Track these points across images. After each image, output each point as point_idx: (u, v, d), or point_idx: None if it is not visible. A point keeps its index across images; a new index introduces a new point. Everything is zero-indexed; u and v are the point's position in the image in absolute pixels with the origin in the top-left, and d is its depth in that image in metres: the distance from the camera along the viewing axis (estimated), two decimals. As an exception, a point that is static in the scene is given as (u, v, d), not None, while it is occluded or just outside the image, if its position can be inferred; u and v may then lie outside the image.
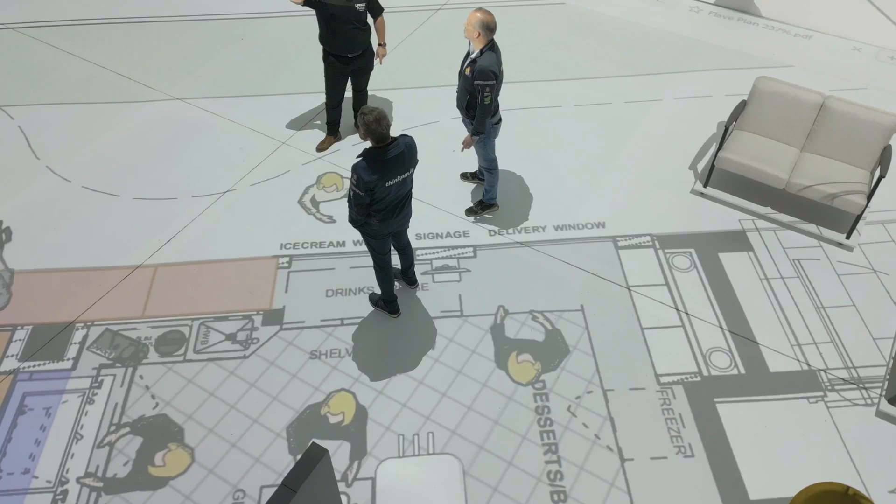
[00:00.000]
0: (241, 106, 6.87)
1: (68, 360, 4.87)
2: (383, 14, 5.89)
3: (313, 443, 3.42)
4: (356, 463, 4.37)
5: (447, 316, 5.15)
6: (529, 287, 5.32)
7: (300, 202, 5.95)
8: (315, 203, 5.95)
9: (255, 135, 6.56)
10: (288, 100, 6.92)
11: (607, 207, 5.91)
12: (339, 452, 4.42)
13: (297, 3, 5.55)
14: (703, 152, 6.36)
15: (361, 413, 4.61)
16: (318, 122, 6.66)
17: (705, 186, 5.96)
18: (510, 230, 5.74)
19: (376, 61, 6.09)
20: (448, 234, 5.71)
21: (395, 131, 6.59)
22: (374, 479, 4.30)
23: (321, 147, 6.37)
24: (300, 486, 3.28)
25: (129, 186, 6.08)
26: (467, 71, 4.99)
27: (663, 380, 4.79)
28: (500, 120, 5.37)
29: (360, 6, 5.65)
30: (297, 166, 6.27)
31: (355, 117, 6.36)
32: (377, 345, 4.98)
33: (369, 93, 6.50)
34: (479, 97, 4.96)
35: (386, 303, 5.10)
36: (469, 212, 5.83)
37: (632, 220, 5.81)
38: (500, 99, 5.26)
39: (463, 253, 5.57)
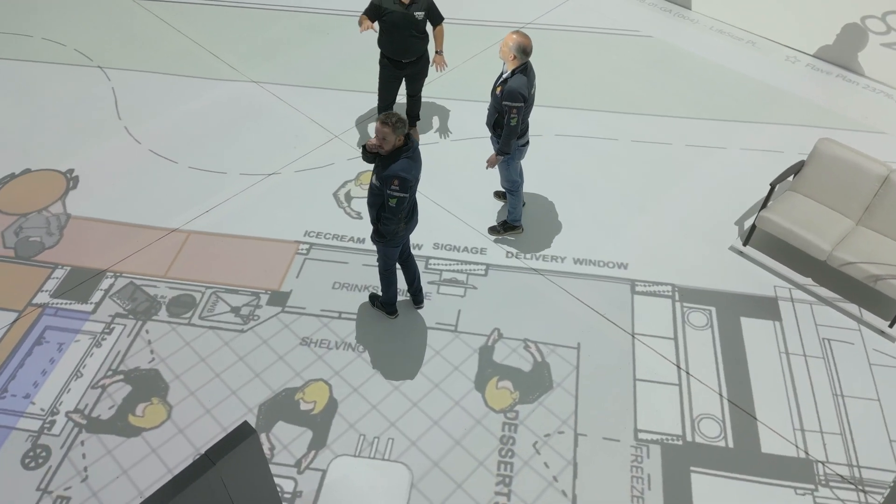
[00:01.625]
0: (308, 96, 7.17)
1: (91, 304, 5.30)
2: (443, 24, 5.98)
3: (245, 422, 3.55)
4: (313, 452, 4.48)
5: (441, 328, 5.16)
6: (530, 315, 5.23)
7: (335, 195, 6.15)
8: (349, 198, 6.13)
9: (313, 125, 6.84)
10: (353, 96, 7.15)
11: (635, 249, 5.70)
12: (300, 439, 4.55)
13: (369, 28, 5.77)
14: (755, 209, 5.99)
15: (332, 406, 4.72)
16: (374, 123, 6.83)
17: (744, 245, 5.61)
18: (529, 255, 5.66)
19: (433, 68, 6.18)
20: (465, 249, 5.71)
21: (445, 140, 6.70)
22: (325, 472, 4.39)
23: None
24: (220, 459, 3.42)
25: (188, 155, 6.51)
26: (498, 90, 4.98)
27: (641, 436, 4.56)
28: (528, 143, 5.33)
29: (419, 14, 5.77)
30: (342, 160, 6.48)
31: (407, 121, 6.53)
32: (366, 343, 5.06)
33: (426, 99, 6.61)
34: (505, 118, 4.94)
35: (385, 305, 5.17)
36: (492, 230, 5.80)
37: (657, 267, 5.57)
38: (550, 122, 5.19)
39: (474, 269, 5.56)
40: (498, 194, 6.10)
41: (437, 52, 6.08)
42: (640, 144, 6.67)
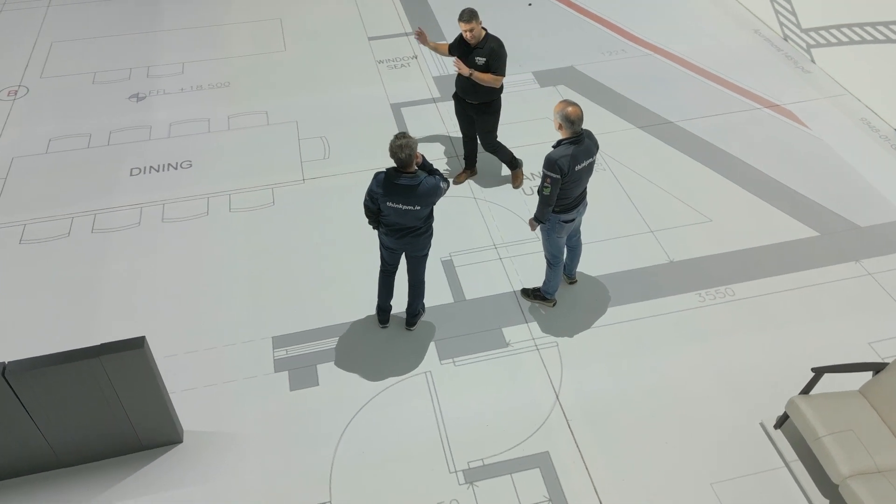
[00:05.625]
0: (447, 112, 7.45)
1: (186, 214, 6.39)
2: (497, 77, 5.83)
3: (142, 336, 4.12)
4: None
5: (407, 352, 5.22)
6: (501, 385, 5.01)
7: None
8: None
9: (428, 143, 7.16)
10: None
11: (650, 381, 5.03)
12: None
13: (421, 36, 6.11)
14: (829, 387, 4.85)
15: (280, 374, 5.12)
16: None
17: (775, 427, 4.65)
18: (539, 332, 5.36)
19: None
20: (489, 296, 5.62)
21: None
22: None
23: (457, 180, 6.66)
24: (103, 355, 4.03)
25: (336, 134, 7.31)
26: (548, 157, 4.83)
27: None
28: (574, 220, 5.04)
29: (480, 60, 5.80)
30: (446, 178, 6.72)
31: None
32: (341, 335, 5.36)
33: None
34: (540, 184, 4.78)
35: (377, 309, 5.38)
36: (524, 293, 5.61)
37: (663, 417, 4.86)
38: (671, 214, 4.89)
39: (481, 318, 5.46)
40: (554, 261, 5.85)
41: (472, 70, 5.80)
42: (748, 272, 5.80)
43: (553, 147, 4.73)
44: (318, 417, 4.84)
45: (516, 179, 6.57)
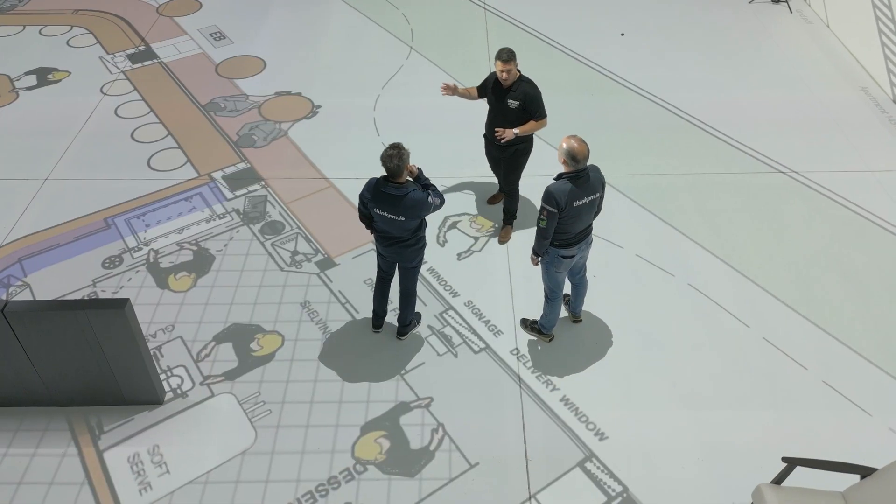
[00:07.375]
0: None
1: (233, 193, 6.76)
2: (540, 122, 5.63)
3: (127, 300, 4.42)
4: (222, 378, 5.16)
5: (395, 366, 5.24)
6: (473, 410, 4.92)
7: (446, 217, 6.45)
8: (452, 226, 6.37)
9: (469, 160, 7.06)
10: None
11: (633, 432, 4.77)
12: (227, 363, 5.26)
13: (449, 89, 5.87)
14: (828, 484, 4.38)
15: (267, 359, 5.28)
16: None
17: (747, 513, 4.26)
18: (531, 366, 5.21)
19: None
20: (486, 320, 5.53)
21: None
22: (211, 395, 5.05)
23: (490, 200, 6.62)
24: (86, 309, 4.36)
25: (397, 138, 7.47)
26: (548, 192, 4.71)
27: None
28: (574, 256, 4.87)
29: (513, 104, 5.57)
30: (465, 195, 6.72)
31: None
32: (338, 335, 5.46)
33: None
34: (538, 217, 4.66)
35: (372, 313, 5.45)
36: (523, 323, 5.47)
37: (634, 467, 4.60)
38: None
39: (473, 341, 5.38)
40: (564, 296, 5.65)
41: (514, 130, 5.59)
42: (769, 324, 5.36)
43: (554, 180, 4.61)
44: (285, 407, 4.97)
45: (505, 235, 6.26)
